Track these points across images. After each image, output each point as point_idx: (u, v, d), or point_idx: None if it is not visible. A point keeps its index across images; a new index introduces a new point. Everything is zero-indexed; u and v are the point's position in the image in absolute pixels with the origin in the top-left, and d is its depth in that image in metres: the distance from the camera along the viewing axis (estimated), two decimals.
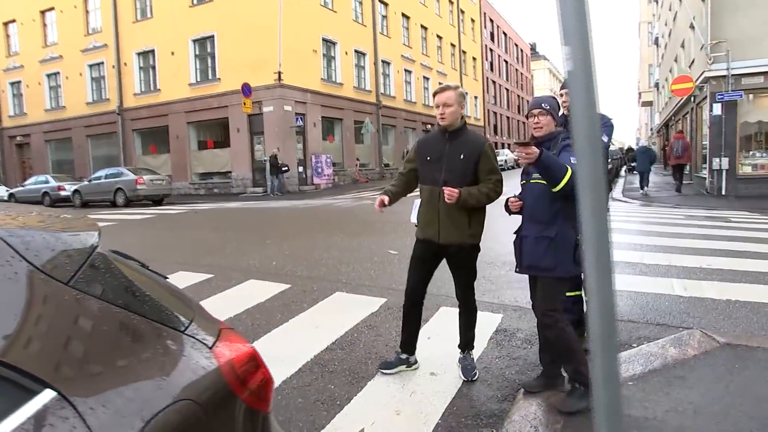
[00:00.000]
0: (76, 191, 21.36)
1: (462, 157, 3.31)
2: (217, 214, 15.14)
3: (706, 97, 17.15)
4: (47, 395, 1.06)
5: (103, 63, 27.36)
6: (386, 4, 30.93)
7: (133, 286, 1.39)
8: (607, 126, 4.00)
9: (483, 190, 3.28)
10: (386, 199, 3.46)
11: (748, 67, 15.55)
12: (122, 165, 24.91)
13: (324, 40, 24.96)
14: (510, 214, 3.28)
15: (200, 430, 1.32)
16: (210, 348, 1.47)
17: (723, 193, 16.00)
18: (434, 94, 3.38)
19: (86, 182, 22.09)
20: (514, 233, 3.29)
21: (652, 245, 7.45)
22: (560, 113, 3.69)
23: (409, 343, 3.59)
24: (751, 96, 16.18)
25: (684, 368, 3.54)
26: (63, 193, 21.87)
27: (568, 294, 3.82)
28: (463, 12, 43.21)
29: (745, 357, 3.65)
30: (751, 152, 16.65)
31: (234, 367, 1.47)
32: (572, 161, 2.94)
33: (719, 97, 15.66)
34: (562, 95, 3.92)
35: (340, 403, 3.19)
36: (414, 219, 3.51)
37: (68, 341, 1.16)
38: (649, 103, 48.27)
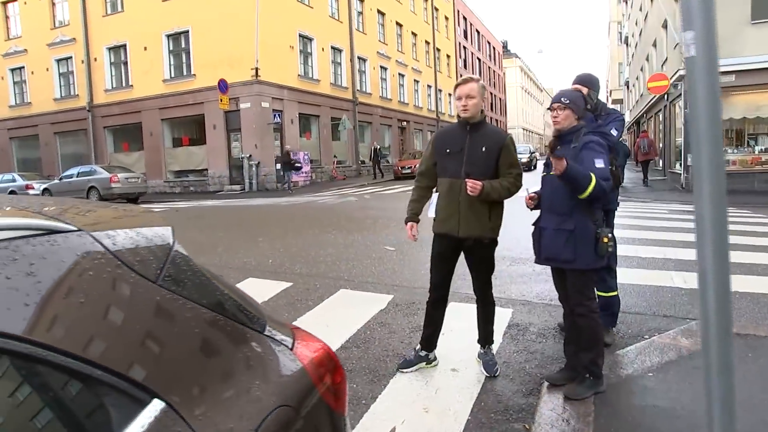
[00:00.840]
0: (45, 190, 20.71)
1: (483, 150, 3.27)
2: (199, 212, 14.84)
3: (680, 94, 17.54)
4: (156, 406, 0.97)
5: (71, 58, 26.52)
6: (362, 1, 30.80)
7: (212, 285, 1.30)
8: (618, 120, 4.01)
9: (504, 184, 3.25)
10: (416, 226, 3.51)
11: (721, 65, 15.82)
12: (93, 163, 24.24)
13: (301, 35, 24.69)
14: (531, 210, 3.27)
15: None
16: (291, 349, 1.40)
17: None
18: (456, 86, 3.32)
19: (57, 180, 21.46)
20: (533, 224, 3.29)
21: (644, 239, 7.56)
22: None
23: (431, 339, 3.55)
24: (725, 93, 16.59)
25: (700, 359, 3.57)
26: (31, 192, 21.16)
27: (610, 294, 3.91)
28: (437, 10, 43.31)
29: (756, 346, 3.71)
30: (723, 149, 17.08)
31: (317, 367, 1.40)
32: (596, 163, 2.94)
33: None
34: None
35: (365, 402, 3.13)
36: (432, 213, 3.43)
37: (165, 346, 1.08)
38: (619, 101, 49.23)
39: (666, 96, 20.48)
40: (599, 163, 2.93)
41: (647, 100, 26.68)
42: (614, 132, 3.75)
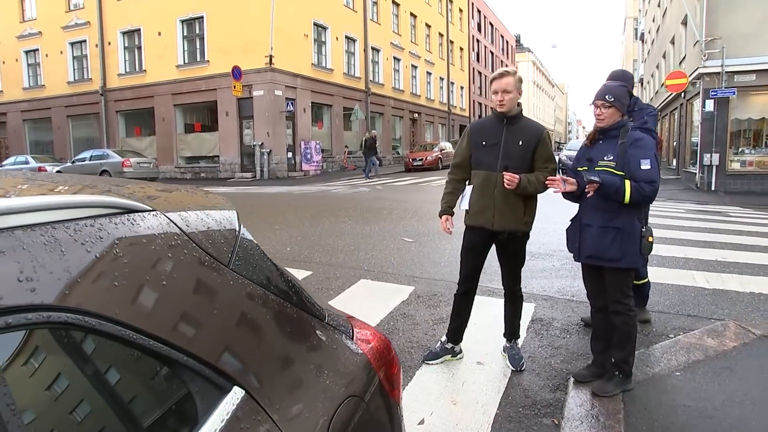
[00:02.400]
0: (58, 173, 20.77)
1: (521, 143, 3.23)
2: None
3: (698, 93, 17.35)
4: (237, 394, 0.96)
5: (85, 41, 26.51)
6: None
7: (278, 271, 1.29)
8: (652, 115, 3.98)
9: (540, 179, 3.21)
10: (451, 219, 3.47)
11: (742, 64, 15.75)
12: (105, 147, 24.31)
13: (315, 24, 24.58)
14: (572, 200, 3.19)
15: (366, 425, 1.24)
16: (351, 338, 1.38)
17: (713, 188, 16.26)
18: (492, 80, 3.27)
19: (69, 164, 21.54)
20: (571, 221, 3.24)
21: (663, 237, 7.49)
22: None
23: (458, 332, 3.54)
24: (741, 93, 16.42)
25: (728, 359, 3.56)
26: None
27: (641, 281, 4.10)
28: (451, 2, 42.97)
29: None
30: (740, 149, 16.94)
31: (377, 356, 1.39)
32: (642, 164, 2.88)
33: (712, 93, 15.85)
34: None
35: None
36: (465, 206, 3.39)
37: (241, 332, 1.07)
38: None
39: (683, 94, 20.27)
40: (645, 164, 2.87)
41: (662, 98, 26.41)
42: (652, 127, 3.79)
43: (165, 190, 1.28)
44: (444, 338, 3.59)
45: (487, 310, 4.24)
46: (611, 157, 2.99)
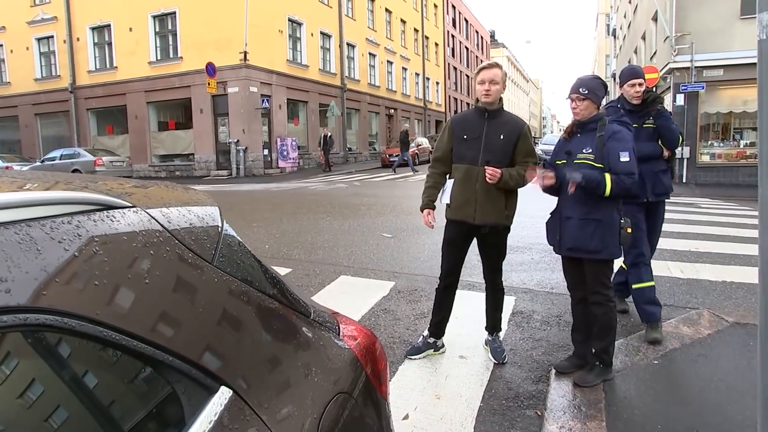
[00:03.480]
0: None
1: (502, 137, 3.24)
2: None
3: (669, 87, 17.68)
4: (225, 394, 0.93)
5: (53, 37, 25.79)
6: None
7: (262, 267, 1.26)
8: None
9: (521, 173, 3.22)
10: (432, 213, 3.45)
11: (710, 59, 16.09)
12: (75, 145, 23.76)
13: (290, 20, 24.35)
14: (546, 192, 3.21)
15: (353, 421, 1.22)
16: (338, 334, 1.36)
17: (684, 180, 16.61)
18: (481, 70, 3.26)
19: (38, 163, 21.03)
20: (551, 214, 3.27)
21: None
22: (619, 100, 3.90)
23: (440, 326, 3.54)
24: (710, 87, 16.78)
25: (703, 347, 3.64)
26: None
27: (646, 284, 3.87)
28: None
29: (756, 334, 3.76)
30: (709, 142, 17.33)
31: (364, 352, 1.38)
32: (621, 157, 2.92)
33: (682, 88, 16.18)
34: (634, 85, 3.81)
35: None
36: (447, 200, 3.38)
37: (227, 331, 1.04)
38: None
39: (655, 89, 20.61)
40: (624, 157, 2.91)
41: None
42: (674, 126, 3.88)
43: (143, 186, 1.24)
44: (426, 333, 3.59)
45: (469, 304, 4.25)
46: (590, 150, 3.02)
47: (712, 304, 4.52)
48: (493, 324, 3.58)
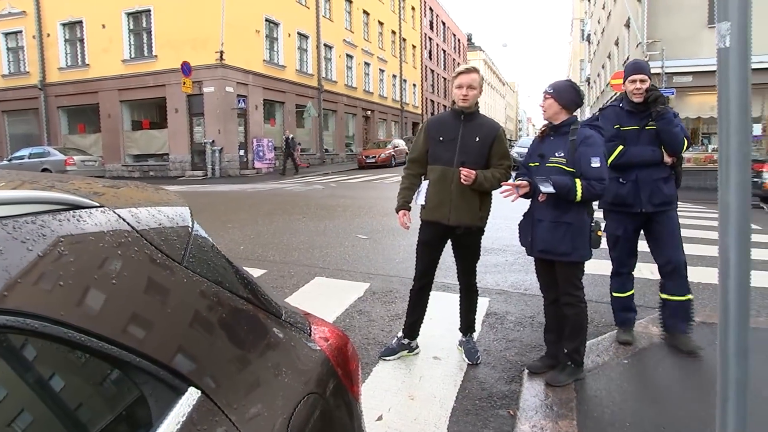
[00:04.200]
0: None
1: (477, 139, 3.28)
2: None
3: None
4: (193, 395, 0.93)
5: (21, 32, 25.14)
6: None
7: (233, 268, 1.26)
8: (677, 116, 3.68)
9: (496, 175, 3.27)
10: (408, 214, 3.46)
11: (680, 66, 16.47)
12: (45, 144, 23.22)
13: (267, 20, 24.21)
14: (525, 198, 3.25)
15: (323, 422, 1.22)
16: (309, 334, 1.37)
17: None
18: (459, 74, 3.29)
19: (5, 161, 20.50)
20: (523, 216, 3.31)
21: None
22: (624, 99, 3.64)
23: (414, 327, 3.55)
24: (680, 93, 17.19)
25: (669, 346, 3.72)
26: None
27: (625, 294, 3.82)
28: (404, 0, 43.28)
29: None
30: None
31: (335, 352, 1.38)
32: (593, 162, 2.97)
33: None
34: (635, 81, 3.49)
35: None
36: (422, 201, 3.39)
37: (196, 331, 1.04)
38: None
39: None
40: (595, 162, 2.96)
41: (608, 97, 27.31)
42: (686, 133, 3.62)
43: (113, 186, 1.23)
44: (400, 334, 3.61)
45: (443, 305, 4.27)
46: (562, 154, 3.06)
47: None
48: (467, 325, 3.61)
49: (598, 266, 5.63)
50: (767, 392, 2.94)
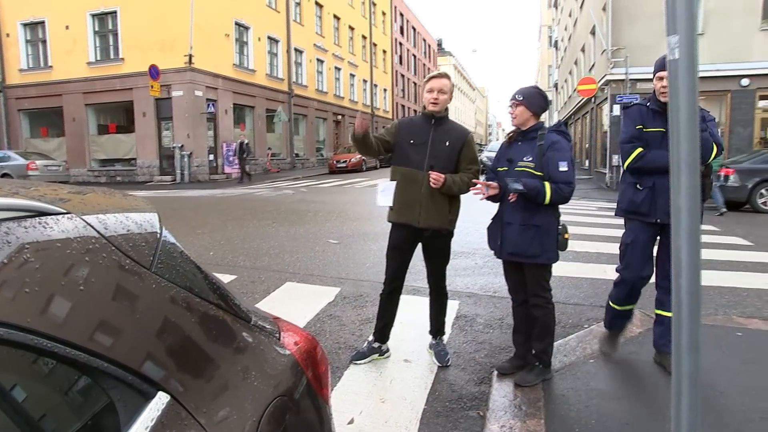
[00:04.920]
0: None
1: (447, 144, 3.33)
2: None
3: (606, 98, 18.50)
4: (162, 399, 0.94)
5: None
6: None
7: (202, 273, 1.26)
8: (712, 120, 3.34)
9: (465, 179, 3.32)
10: (367, 125, 3.36)
11: (643, 72, 16.91)
12: (5, 148, 22.51)
13: (237, 24, 24.02)
14: (493, 201, 3.31)
15: (295, 424, 1.24)
16: (278, 338, 1.38)
17: (610, 185, 17.37)
18: (430, 78, 3.35)
19: None
20: (492, 219, 3.37)
21: (578, 234, 7.92)
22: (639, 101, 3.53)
23: (384, 331, 3.58)
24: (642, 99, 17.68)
25: (634, 344, 3.84)
26: None
27: (621, 308, 3.56)
28: (374, 5, 43.39)
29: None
30: None
31: (304, 356, 1.40)
32: (560, 166, 3.04)
33: (618, 99, 16.94)
34: (662, 78, 3.21)
35: None
36: (389, 202, 3.38)
37: (166, 336, 1.04)
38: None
39: (593, 99, 21.52)
40: (563, 167, 3.04)
41: (575, 102, 27.93)
42: (719, 137, 3.30)
43: (80, 192, 1.22)
44: (371, 338, 3.62)
45: (413, 309, 4.31)
46: (530, 158, 3.13)
47: (643, 305, 4.72)
48: (437, 328, 3.65)
49: (566, 269, 5.77)
50: (723, 386, 3.06)
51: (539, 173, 3.08)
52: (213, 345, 1.14)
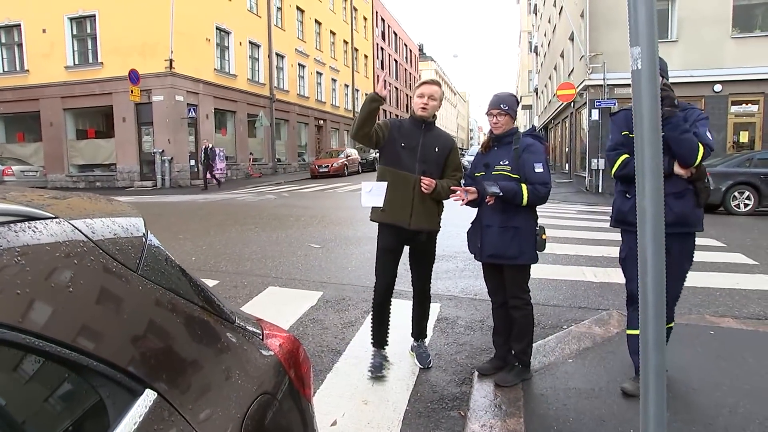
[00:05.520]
0: None
1: (437, 150, 3.40)
2: None
3: (585, 103, 18.80)
4: (149, 396, 0.97)
5: None
6: None
7: (186, 276, 1.30)
8: (704, 119, 3.06)
9: (449, 186, 3.39)
10: (386, 93, 3.26)
11: (620, 78, 17.24)
12: None
13: (218, 28, 23.91)
14: (472, 206, 3.38)
15: (276, 421, 1.28)
16: (262, 339, 1.42)
17: (600, 191, 17.64)
18: (422, 84, 3.39)
19: None
20: (471, 223, 3.43)
21: (558, 237, 8.06)
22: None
23: (385, 337, 3.56)
24: (619, 104, 18.01)
25: (612, 344, 3.93)
26: None
27: (631, 332, 3.21)
28: (356, 10, 43.51)
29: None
30: None
31: (287, 356, 1.44)
32: (536, 168, 3.13)
33: (597, 103, 17.25)
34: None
35: None
36: (380, 203, 3.35)
37: (153, 336, 1.08)
38: (528, 107, 51.75)
39: (572, 104, 21.83)
40: (538, 168, 3.13)
41: (555, 107, 28.29)
42: (710, 137, 2.99)
43: (65, 197, 1.25)
44: (374, 350, 3.56)
45: (393, 312, 4.33)
46: (507, 162, 3.21)
47: (621, 306, 4.84)
48: (419, 331, 3.70)
49: (546, 271, 5.88)
50: (696, 383, 3.16)
51: (516, 176, 3.16)
52: (198, 345, 1.18)
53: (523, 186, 3.12)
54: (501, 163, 3.23)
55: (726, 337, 3.99)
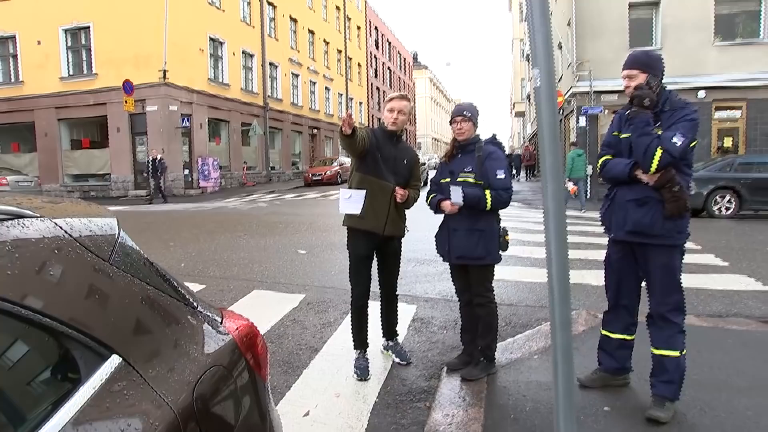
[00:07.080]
0: None
1: (405, 162, 3.64)
2: None
3: (573, 110, 19.12)
4: (115, 360, 1.19)
5: None
6: (274, 6, 30.65)
7: (153, 267, 1.53)
8: (686, 120, 2.75)
9: (414, 195, 3.65)
10: (353, 122, 3.28)
11: (606, 85, 17.59)
12: None
13: (211, 38, 24.20)
14: (438, 213, 3.61)
15: (228, 390, 1.49)
16: (220, 323, 1.64)
17: (588, 196, 17.89)
18: (392, 98, 3.60)
19: None
20: (439, 227, 3.66)
21: (538, 241, 8.29)
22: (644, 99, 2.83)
23: (366, 337, 3.74)
24: (607, 111, 18.33)
25: (577, 341, 4.11)
26: None
27: (612, 335, 3.31)
28: (349, 19, 43.92)
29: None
30: None
31: (242, 338, 1.65)
32: (498, 174, 3.36)
33: (584, 110, 17.57)
34: (624, 78, 2.86)
35: (281, 391, 3.36)
36: (357, 210, 3.50)
37: (120, 311, 1.30)
38: (521, 114, 52.22)
39: (561, 111, 22.15)
40: (500, 174, 3.36)
41: None
42: (677, 140, 2.66)
43: (51, 201, 1.48)
44: (358, 352, 3.72)
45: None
46: (471, 169, 3.44)
47: (591, 305, 5.08)
48: (390, 329, 3.90)
49: (520, 273, 6.10)
50: (647, 375, 3.36)
51: (479, 182, 3.39)
52: (160, 322, 1.40)
53: (487, 192, 3.34)
54: (465, 170, 3.45)
55: (690, 334, 4.18)
